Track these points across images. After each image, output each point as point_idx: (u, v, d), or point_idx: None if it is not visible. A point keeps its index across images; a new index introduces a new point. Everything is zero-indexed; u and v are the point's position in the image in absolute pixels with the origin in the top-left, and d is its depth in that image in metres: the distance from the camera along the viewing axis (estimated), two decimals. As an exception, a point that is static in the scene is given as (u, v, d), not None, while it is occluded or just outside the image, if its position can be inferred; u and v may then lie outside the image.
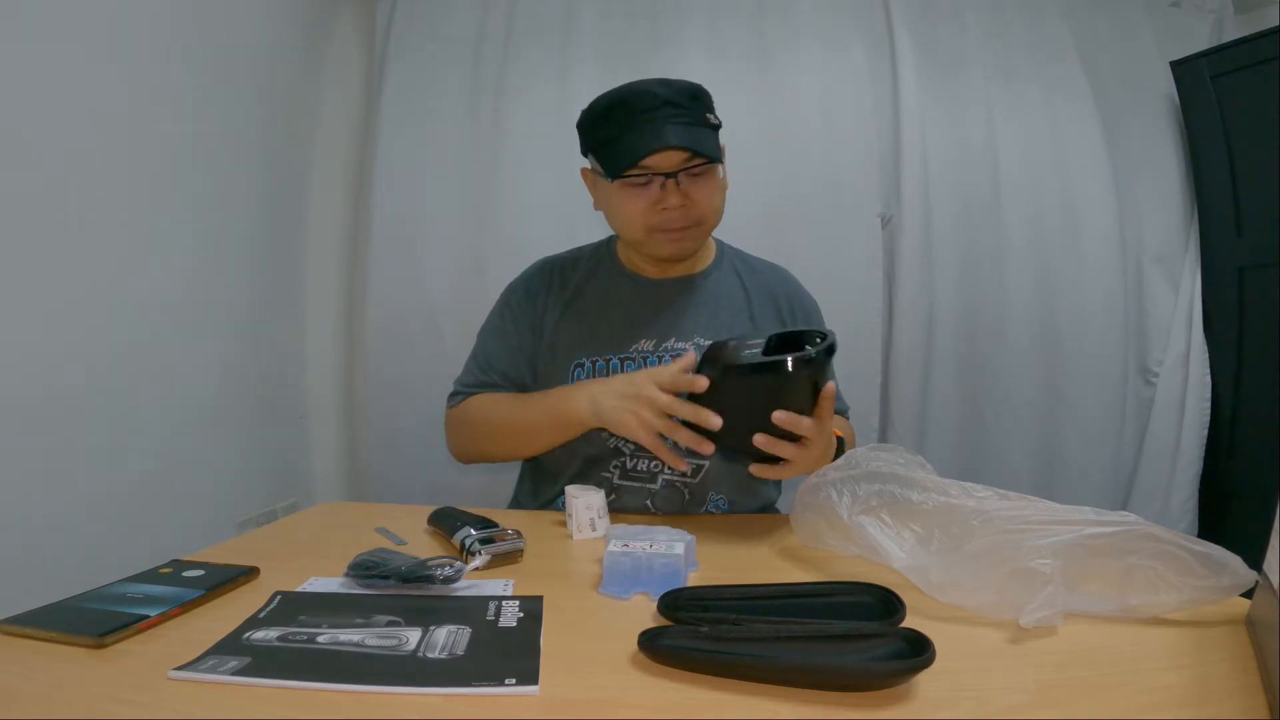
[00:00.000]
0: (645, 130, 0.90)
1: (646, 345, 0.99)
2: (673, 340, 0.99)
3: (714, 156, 0.92)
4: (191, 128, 1.38)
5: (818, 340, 0.79)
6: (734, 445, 0.79)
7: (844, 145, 1.74)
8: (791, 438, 0.76)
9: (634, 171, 0.91)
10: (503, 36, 1.77)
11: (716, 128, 0.96)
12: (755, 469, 0.79)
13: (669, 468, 0.94)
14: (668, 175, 0.91)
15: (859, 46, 1.78)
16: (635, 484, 0.96)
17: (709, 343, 0.88)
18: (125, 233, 1.24)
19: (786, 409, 0.74)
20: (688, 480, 0.95)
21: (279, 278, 1.72)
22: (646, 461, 0.96)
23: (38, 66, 1.06)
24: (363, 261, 1.77)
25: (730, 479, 0.97)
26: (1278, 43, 1.56)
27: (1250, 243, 1.70)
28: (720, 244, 1.11)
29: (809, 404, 0.76)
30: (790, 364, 0.73)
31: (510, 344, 1.03)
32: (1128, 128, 1.84)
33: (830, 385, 0.76)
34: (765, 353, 0.77)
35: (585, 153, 1.01)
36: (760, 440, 0.75)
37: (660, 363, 0.97)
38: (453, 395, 1.05)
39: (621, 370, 0.97)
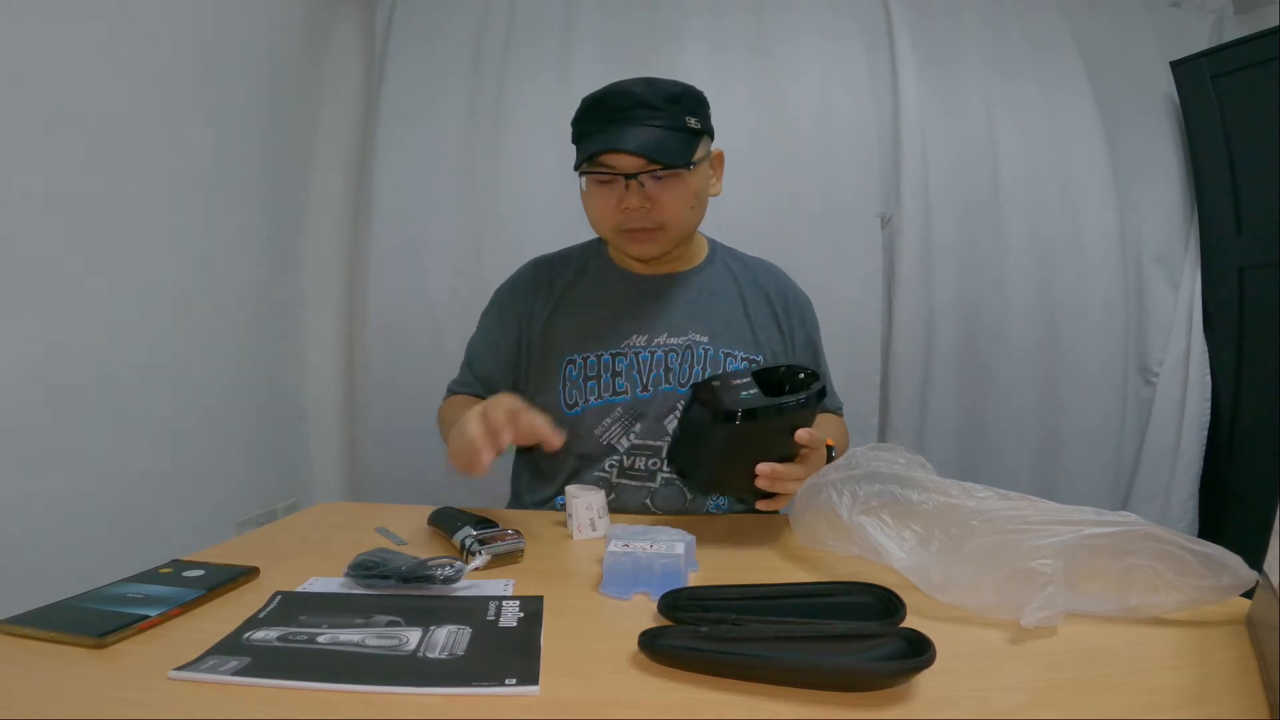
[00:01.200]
0: (609, 130, 0.91)
1: (639, 340, 0.98)
2: (665, 335, 0.98)
3: (670, 163, 0.90)
4: (192, 128, 1.38)
5: (800, 376, 0.79)
6: (735, 486, 0.80)
7: (844, 145, 1.74)
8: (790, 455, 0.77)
9: (596, 169, 0.92)
10: (503, 35, 1.77)
11: (696, 132, 0.94)
12: (762, 504, 0.80)
13: (668, 465, 0.94)
14: (628, 176, 0.91)
15: (859, 45, 1.78)
16: (634, 482, 0.96)
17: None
18: (125, 233, 1.24)
19: (780, 447, 0.75)
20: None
21: (280, 278, 1.72)
22: (645, 459, 0.96)
23: (38, 67, 1.06)
24: (363, 261, 1.77)
25: None
26: (1278, 43, 1.57)
27: (1250, 243, 1.70)
28: (713, 242, 1.10)
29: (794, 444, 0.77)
30: (790, 404, 0.75)
31: (492, 343, 1.05)
32: (1128, 128, 1.84)
33: (809, 431, 0.76)
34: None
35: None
36: (764, 483, 0.75)
37: (653, 358, 0.97)
38: (446, 393, 1.09)
39: (613, 366, 0.97)
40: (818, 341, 1.10)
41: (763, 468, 0.75)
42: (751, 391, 0.77)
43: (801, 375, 0.80)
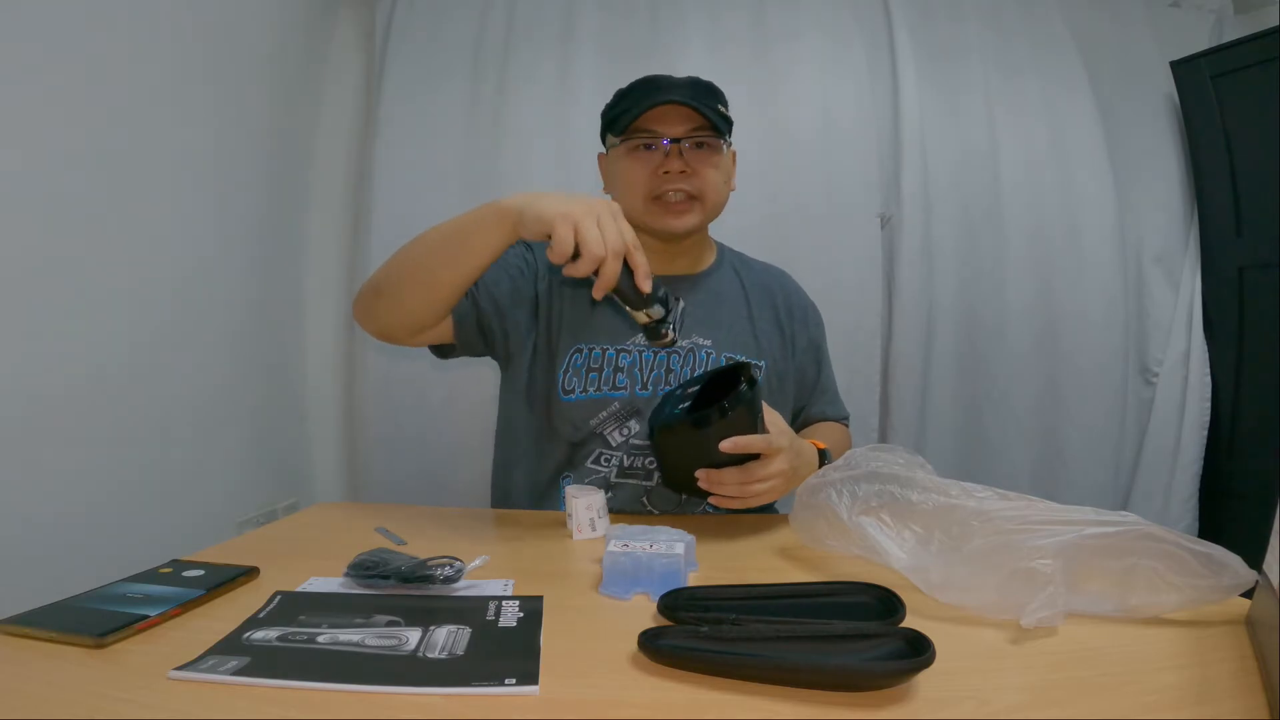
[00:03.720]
0: (655, 95, 0.95)
1: (643, 339, 0.98)
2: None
3: (719, 127, 0.96)
4: (192, 127, 1.38)
5: (743, 378, 0.79)
6: (691, 489, 0.81)
7: (844, 144, 1.74)
8: (740, 461, 0.78)
9: (640, 134, 0.95)
10: (503, 35, 1.77)
11: (728, 120, 1.00)
12: (713, 500, 0.80)
13: None
14: (672, 141, 0.95)
15: (859, 45, 1.78)
16: (632, 480, 0.96)
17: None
18: (125, 232, 1.24)
19: (714, 455, 0.76)
20: None
21: (279, 277, 1.72)
22: (643, 459, 0.96)
23: (39, 65, 1.06)
24: (363, 261, 1.77)
25: None
26: (1278, 43, 1.57)
27: (1250, 243, 1.70)
28: (720, 246, 1.12)
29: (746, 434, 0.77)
30: (698, 419, 0.76)
31: (511, 274, 1.00)
32: (1128, 128, 1.84)
33: (732, 441, 0.75)
34: (705, 393, 0.82)
35: (603, 135, 1.05)
36: (703, 485, 0.78)
37: (655, 358, 0.99)
38: None
39: (616, 361, 0.98)
40: (822, 345, 1.11)
41: (700, 473, 0.78)
42: (685, 405, 0.81)
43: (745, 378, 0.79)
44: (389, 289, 0.90)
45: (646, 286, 0.76)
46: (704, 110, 0.94)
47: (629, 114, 0.96)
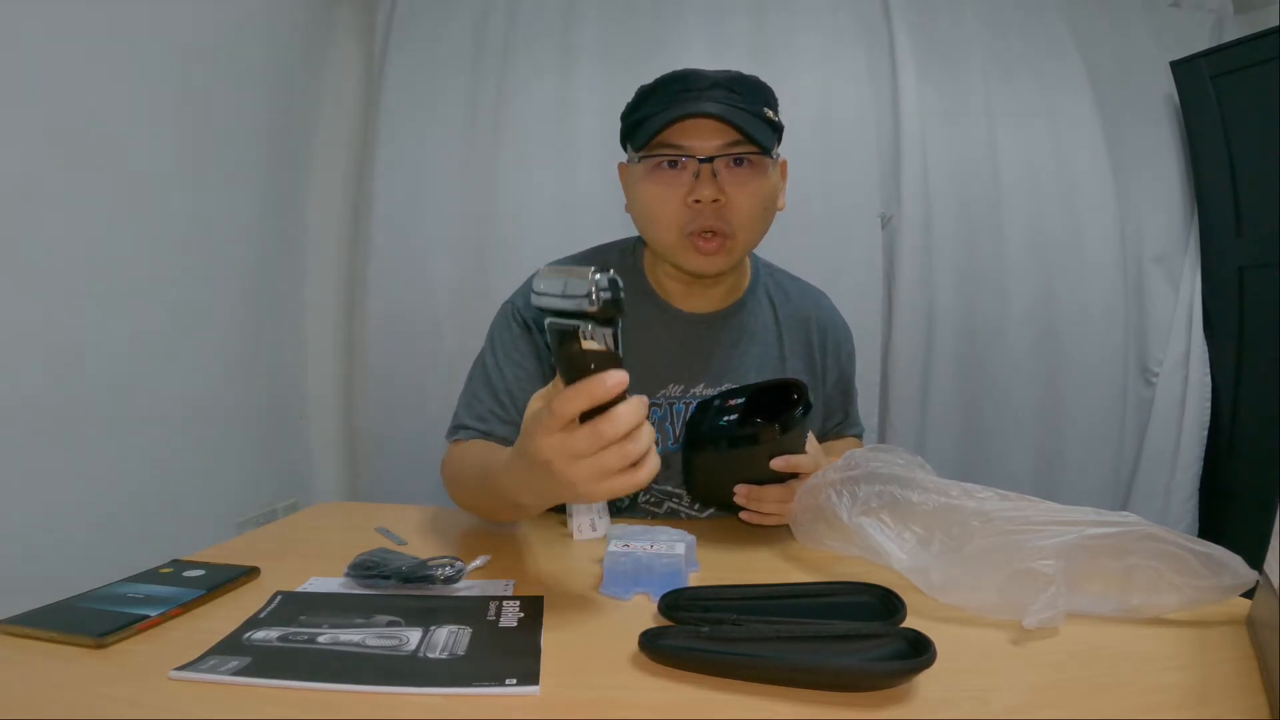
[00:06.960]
0: (682, 102, 0.81)
1: (675, 390, 0.92)
2: (701, 386, 0.93)
3: (761, 143, 0.81)
4: (191, 128, 1.38)
5: (794, 397, 0.79)
6: (723, 504, 0.81)
7: (844, 145, 1.74)
8: (779, 479, 0.77)
9: (664, 149, 0.82)
10: (503, 35, 1.77)
11: (774, 125, 0.86)
12: (745, 515, 0.79)
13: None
14: (703, 161, 0.81)
15: (859, 45, 1.78)
16: (644, 506, 0.94)
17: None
18: (125, 233, 1.24)
19: (760, 472, 0.76)
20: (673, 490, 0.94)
21: (279, 278, 1.72)
22: (657, 497, 0.94)
23: (39, 65, 1.06)
24: (363, 261, 1.77)
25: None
26: (1278, 43, 1.57)
27: (1250, 243, 1.70)
28: (756, 263, 1.01)
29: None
30: (762, 434, 0.75)
31: (528, 370, 0.90)
32: (1128, 128, 1.84)
33: (785, 459, 0.75)
34: (747, 406, 0.80)
35: (623, 142, 0.91)
36: (741, 500, 0.77)
37: (686, 410, 0.91)
38: (453, 430, 0.91)
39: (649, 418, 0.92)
40: (851, 377, 1.06)
41: (739, 488, 0.76)
42: (731, 418, 0.79)
43: (796, 395, 0.80)
44: (474, 512, 0.86)
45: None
46: (742, 125, 0.79)
47: (651, 123, 0.81)
